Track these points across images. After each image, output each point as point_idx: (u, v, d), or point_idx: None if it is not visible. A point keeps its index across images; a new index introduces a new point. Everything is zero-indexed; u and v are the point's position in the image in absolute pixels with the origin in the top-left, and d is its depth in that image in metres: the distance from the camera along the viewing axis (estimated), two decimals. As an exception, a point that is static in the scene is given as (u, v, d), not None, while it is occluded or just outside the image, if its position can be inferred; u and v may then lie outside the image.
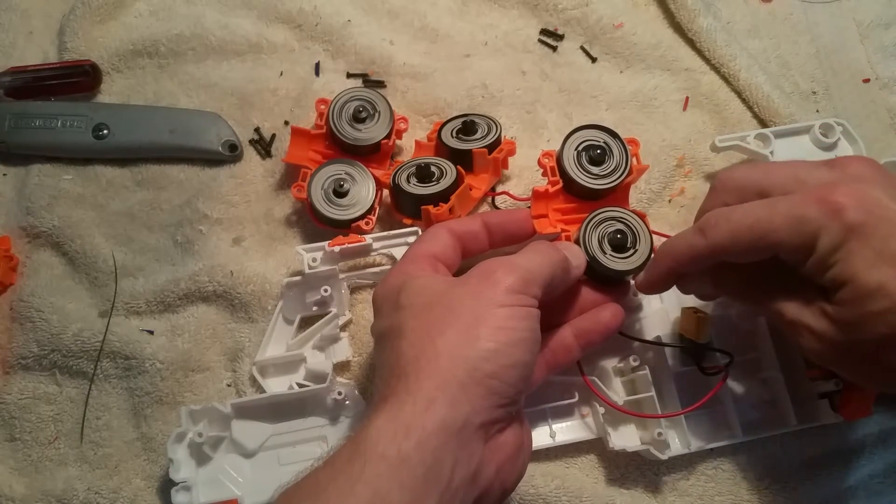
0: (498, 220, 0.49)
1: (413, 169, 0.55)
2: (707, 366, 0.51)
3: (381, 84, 0.63)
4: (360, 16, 0.64)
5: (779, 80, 0.64)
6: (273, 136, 0.61)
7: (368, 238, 0.53)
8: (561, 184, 0.52)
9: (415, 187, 0.54)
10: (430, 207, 0.52)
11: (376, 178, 0.57)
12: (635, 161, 0.52)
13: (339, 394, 0.51)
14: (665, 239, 0.47)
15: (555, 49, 0.65)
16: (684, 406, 0.50)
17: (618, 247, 0.48)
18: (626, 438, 0.52)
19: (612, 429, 0.52)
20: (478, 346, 0.38)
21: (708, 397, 0.49)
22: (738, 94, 0.63)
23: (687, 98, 0.63)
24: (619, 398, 0.52)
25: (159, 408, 0.54)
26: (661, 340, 0.52)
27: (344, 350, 0.54)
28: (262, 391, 0.53)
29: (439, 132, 0.58)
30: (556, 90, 0.63)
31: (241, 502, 0.49)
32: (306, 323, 0.55)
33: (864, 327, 0.38)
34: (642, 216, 0.50)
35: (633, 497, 0.52)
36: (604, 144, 0.51)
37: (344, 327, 0.55)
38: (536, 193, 0.51)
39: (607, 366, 0.54)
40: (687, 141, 0.61)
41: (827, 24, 0.67)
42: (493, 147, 0.57)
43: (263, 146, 0.61)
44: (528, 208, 0.52)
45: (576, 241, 0.49)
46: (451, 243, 0.46)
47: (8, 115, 0.60)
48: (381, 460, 0.34)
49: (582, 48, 0.65)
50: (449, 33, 0.64)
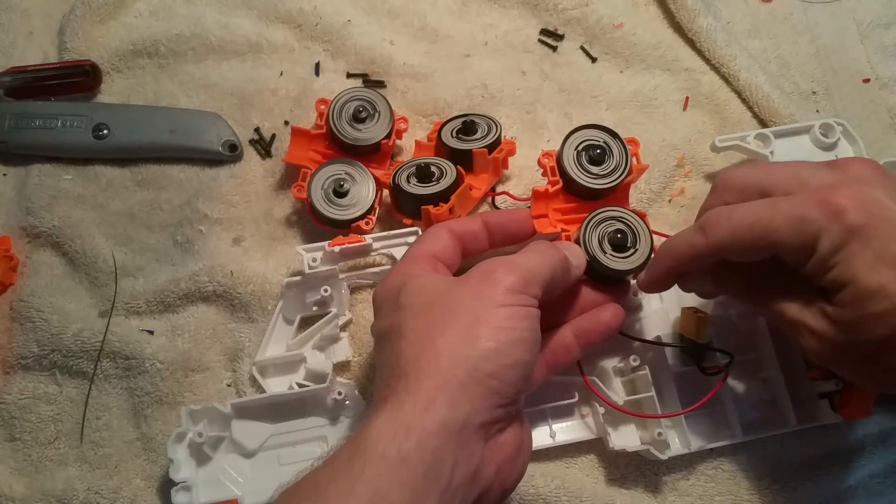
0: (498, 220, 0.49)
1: (413, 169, 0.55)
2: (707, 366, 0.51)
3: (381, 84, 0.63)
4: (360, 16, 0.64)
5: (779, 80, 0.64)
6: (273, 136, 0.61)
7: (368, 238, 0.53)
8: (561, 184, 0.52)
9: (415, 187, 0.54)
10: (430, 207, 0.52)
11: (376, 178, 0.57)
12: (635, 161, 0.52)
13: (339, 394, 0.51)
14: (665, 238, 0.47)
15: (555, 49, 0.65)
16: (684, 406, 0.50)
17: (618, 246, 0.48)
18: (626, 438, 0.52)
19: (612, 429, 0.52)
20: (478, 346, 0.38)
21: (708, 397, 0.49)
22: (738, 94, 0.63)
23: (687, 98, 0.63)
24: (619, 398, 0.52)
25: (159, 408, 0.54)
26: (661, 340, 0.52)
27: (344, 350, 0.54)
28: (262, 391, 0.53)
29: (439, 132, 0.58)
30: (556, 90, 0.63)
31: (241, 502, 0.49)
32: (306, 323, 0.55)
33: (865, 328, 0.38)
34: (642, 216, 0.50)
35: (633, 497, 0.52)
36: (604, 144, 0.51)
37: (344, 327, 0.55)
38: (536, 193, 0.51)
39: (607, 366, 0.54)
40: (687, 141, 0.61)
41: (827, 24, 0.67)
42: (493, 147, 0.57)
43: (263, 146, 0.61)
44: (528, 208, 0.52)
45: (576, 241, 0.49)
46: (451, 243, 0.46)
47: (8, 115, 0.60)
48: (381, 460, 0.34)
49: (582, 48, 0.65)
50: (449, 33, 0.64)
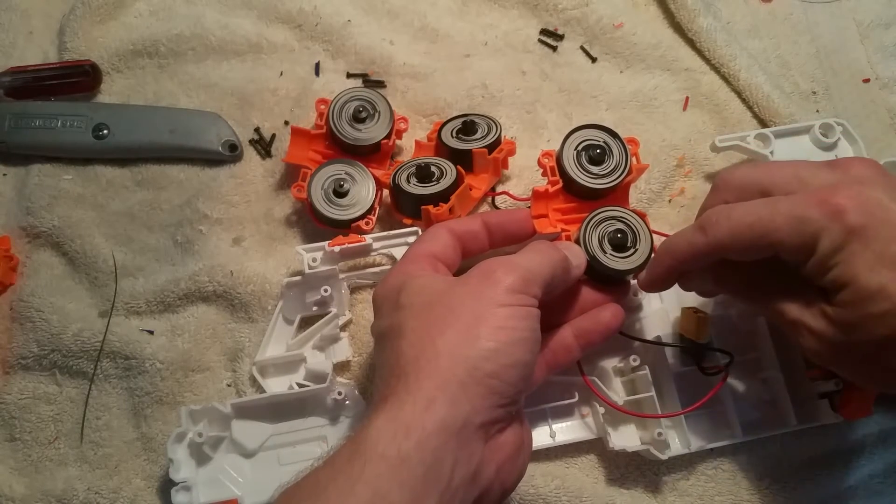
0: (498, 220, 0.49)
1: (413, 169, 0.55)
2: (707, 366, 0.51)
3: (381, 84, 0.63)
4: (360, 16, 0.64)
5: (779, 80, 0.64)
6: (273, 136, 0.61)
7: (368, 238, 0.53)
8: (561, 184, 0.52)
9: (415, 187, 0.54)
10: (430, 207, 0.52)
11: (376, 178, 0.57)
12: (635, 160, 0.52)
13: (339, 394, 0.51)
14: (665, 238, 0.47)
15: (555, 49, 0.65)
16: (684, 406, 0.50)
17: (618, 246, 0.48)
18: (626, 438, 0.52)
19: (612, 429, 0.52)
20: (478, 346, 0.38)
21: (708, 397, 0.49)
22: (738, 94, 0.63)
23: (687, 98, 0.63)
24: (619, 398, 0.52)
25: (159, 408, 0.54)
26: (661, 340, 0.52)
27: (344, 350, 0.54)
28: (262, 391, 0.53)
29: (439, 132, 0.58)
30: (556, 90, 0.63)
31: (241, 502, 0.49)
32: (306, 323, 0.55)
33: (865, 329, 0.38)
34: (642, 216, 0.50)
35: (633, 497, 0.52)
36: (603, 144, 0.51)
37: (344, 327, 0.55)
38: (536, 193, 0.51)
39: (607, 366, 0.54)
40: (687, 141, 0.61)
41: (827, 24, 0.67)
42: (493, 147, 0.57)
43: (263, 146, 0.61)
44: (528, 208, 0.52)
45: (576, 241, 0.49)
46: (451, 243, 0.46)
47: (8, 115, 0.60)
48: (381, 460, 0.34)
49: (582, 48, 0.65)
50: (449, 33, 0.64)
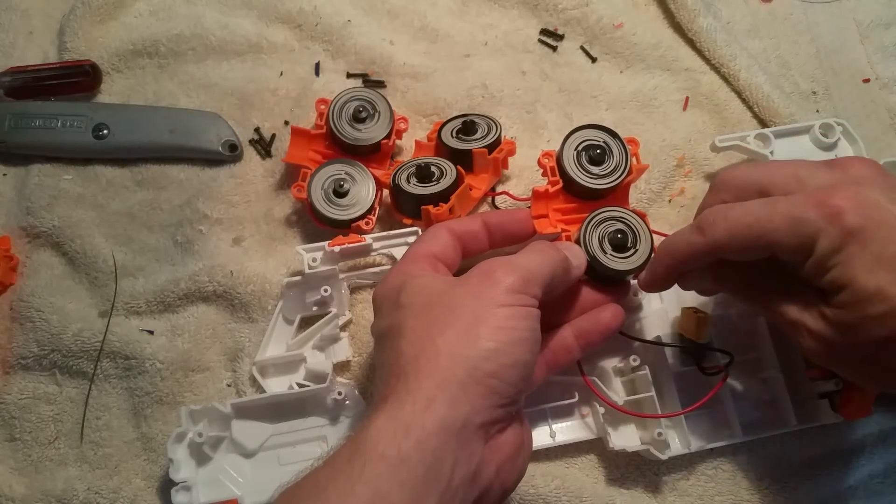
0: (498, 220, 0.49)
1: (413, 169, 0.55)
2: (707, 366, 0.51)
3: (381, 84, 0.63)
4: (360, 16, 0.64)
5: (779, 80, 0.64)
6: (273, 136, 0.61)
7: (368, 238, 0.53)
8: (561, 184, 0.52)
9: (415, 187, 0.54)
10: (430, 207, 0.52)
11: (376, 178, 0.57)
12: (635, 161, 0.52)
13: (339, 394, 0.51)
14: (664, 238, 0.47)
15: (555, 49, 0.65)
16: (684, 406, 0.50)
17: (618, 246, 0.48)
18: (626, 438, 0.52)
19: (612, 429, 0.52)
20: (478, 346, 0.38)
21: (708, 397, 0.49)
22: (738, 94, 0.63)
23: (687, 98, 0.63)
24: (619, 398, 0.52)
25: (159, 408, 0.54)
26: (661, 340, 0.52)
27: (344, 350, 0.54)
28: (262, 391, 0.53)
29: (439, 132, 0.58)
30: (556, 90, 0.63)
31: (241, 502, 0.49)
32: (306, 323, 0.55)
33: (863, 330, 0.38)
34: (642, 216, 0.50)
35: (633, 497, 0.52)
36: (603, 144, 0.51)
37: (344, 327, 0.55)
38: (536, 193, 0.51)
39: (607, 366, 0.54)
40: (687, 141, 0.61)
41: (827, 24, 0.67)
42: (493, 147, 0.57)
43: (263, 146, 0.61)
44: (528, 208, 0.52)
45: (576, 241, 0.49)
46: (451, 243, 0.46)
47: (8, 115, 0.60)
48: (381, 460, 0.34)
49: (582, 48, 0.65)
50: (449, 33, 0.64)
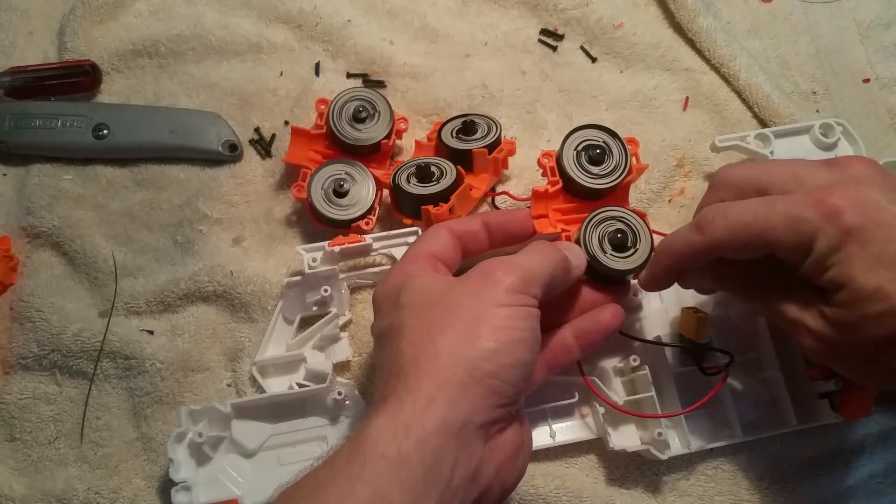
0: (498, 220, 0.49)
1: (413, 169, 0.55)
2: (707, 366, 0.51)
3: (381, 84, 0.63)
4: (360, 16, 0.64)
5: (779, 80, 0.64)
6: (273, 136, 0.61)
7: (368, 238, 0.53)
8: (561, 184, 0.51)
9: (415, 187, 0.54)
10: (430, 207, 0.52)
11: (376, 178, 0.57)
12: (635, 160, 0.52)
13: (339, 394, 0.51)
14: (664, 237, 0.47)
15: (555, 49, 0.65)
16: (684, 406, 0.50)
17: (618, 246, 0.48)
18: (626, 438, 0.52)
19: (612, 429, 0.52)
20: (478, 346, 0.38)
21: (708, 397, 0.49)
22: (738, 94, 0.63)
23: (687, 98, 0.63)
24: (619, 398, 0.52)
25: (159, 408, 0.54)
26: (661, 340, 0.52)
27: (344, 350, 0.54)
28: (262, 391, 0.53)
29: (439, 132, 0.58)
30: (556, 90, 0.63)
31: (241, 502, 0.49)
32: (306, 323, 0.55)
33: (862, 329, 0.38)
34: (642, 215, 0.50)
35: (633, 497, 0.52)
36: (603, 144, 0.51)
37: (344, 327, 0.55)
38: (536, 193, 0.51)
39: (607, 366, 0.54)
40: (687, 141, 0.61)
41: (827, 24, 0.67)
42: (493, 147, 0.57)
43: (263, 146, 0.61)
44: (528, 208, 0.52)
45: (576, 241, 0.49)
46: (451, 243, 0.46)
47: (8, 115, 0.60)
48: (381, 460, 0.34)
49: (582, 48, 0.65)
50: (449, 33, 0.64)
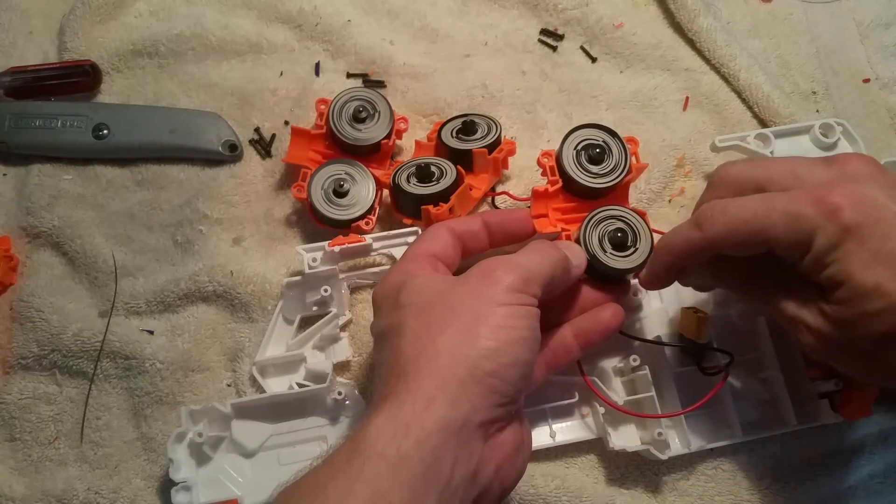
0: (498, 220, 0.49)
1: (413, 169, 0.55)
2: (707, 366, 0.51)
3: (381, 84, 0.63)
4: (360, 16, 0.64)
5: (779, 80, 0.64)
6: (273, 136, 0.61)
7: (368, 238, 0.53)
8: (560, 183, 0.51)
9: (415, 187, 0.54)
10: (430, 207, 0.52)
11: (376, 178, 0.57)
12: (634, 159, 0.52)
13: (339, 394, 0.51)
14: (662, 235, 0.47)
15: (555, 49, 0.65)
16: (684, 406, 0.50)
17: (618, 245, 0.48)
18: (626, 438, 0.52)
19: (612, 429, 0.52)
20: (478, 345, 0.38)
21: (708, 397, 0.49)
22: (738, 94, 0.63)
23: (687, 98, 0.63)
24: (619, 398, 0.52)
25: (159, 408, 0.54)
26: (661, 340, 0.52)
27: (344, 350, 0.54)
28: (262, 391, 0.53)
29: (439, 132, 0.58)
30: (556, 90, 0.63)
31: (241, 502, 0.49)
32: (306, 323, 0.55)
33: (862, 326, 0.38)
34: (642, 214, 0.50)
35: (633, 497, 0.52)
36: (603, 143, 0.51)
37: (344, 327, 0.55)
38: (536, 193, 0.51)
39: (607, 366, 0.54)
40: (687, 141, 0.61)
41: (827, 24, 0.67)
42: (493, 147, 0.57)
43: (263, 146, 0.61)
44: (528, 208, 0.52)
45: (576, 241, 0.49)
46: (451, 242, 0.46)
47: (8, 115, 0.60)
48: (381, 459, 0.34)
49: (582, 48, 0.65)
50: (449, 33, 0.64)
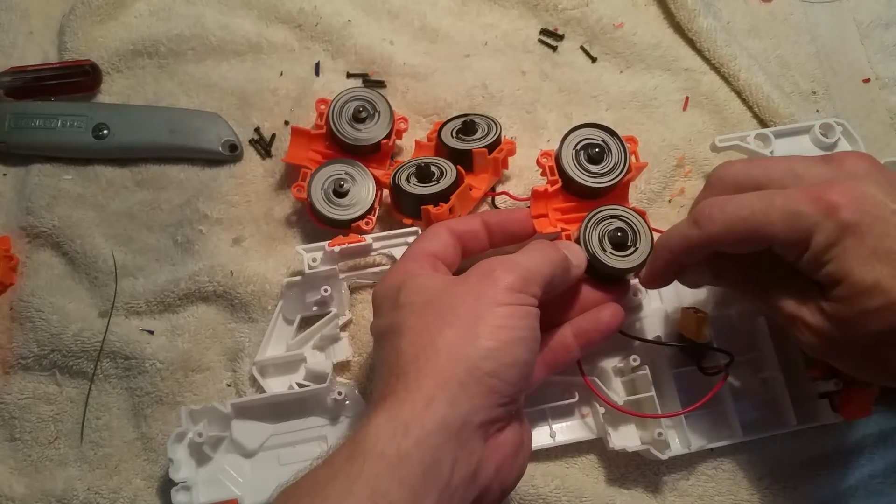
0: (498, 220, 0.49)
1: (413, 169, 0.55)
2: (707, 366, 0.51)
3: (381, 84, 0.63)
4: (360, 16, 0.64)
5: (779, 80, 0.64)
6: (273, 136, 0.61)
7: (368, 238, 0.53)
8: (560, 183, 0.51)
9: (415, 187, 0.54)
10: (430, 207, 0.52)
11: (376, 178, 0.57)
12: (634, 159, 0.52)
13: (339, 394, 0.51)
14: (661, 234, 0.47)
15: (555, 49, 0.65)
16: (684, 406, 0.50)
17: (618, 245, 0.48)
18: (626, 438, 0.52)
19: (612, 429, 0.52)
20: (477, 345, 0.38)
21: (708, 397, 0.49)
22: (738, 94, 0.63)
23: (687, 98, 0.63)
24: (619, 398, 0.52)
25: (159, 408, 0.54)
26: (661, 340, 0.52)
27: (344, 350, 0.54)
28: (262, 391, 0.53)
29: (439, 132, 0.58)
30: (556, 90, 0.63)
31: (241, 502, 0.49)
32: (306, 323, 0.55)
33: (861, 324, 0.38)
34: (642, 214, 0.50)
35: (633, 497, 0.52)
36: (602, 143, 0.51)
37: (344, 327, 0.55)
38: (536, 193, 0.51)
39: (607, 366, 0.54)
40: (687, 141, 0.61)
41: (827, 24, 0.67)
42: (493, 147, 0.57)
43: (263, 146, 0.61)
44: (527, 208, 0.52)
45: (576, 240, 0.49)
46: (450, 242, 0.46)
47: (8, 115, 0.60)
48: (381, 459, 0.34)
49: (582, 48, 0.65)
50: (449, 33, 0.64)
